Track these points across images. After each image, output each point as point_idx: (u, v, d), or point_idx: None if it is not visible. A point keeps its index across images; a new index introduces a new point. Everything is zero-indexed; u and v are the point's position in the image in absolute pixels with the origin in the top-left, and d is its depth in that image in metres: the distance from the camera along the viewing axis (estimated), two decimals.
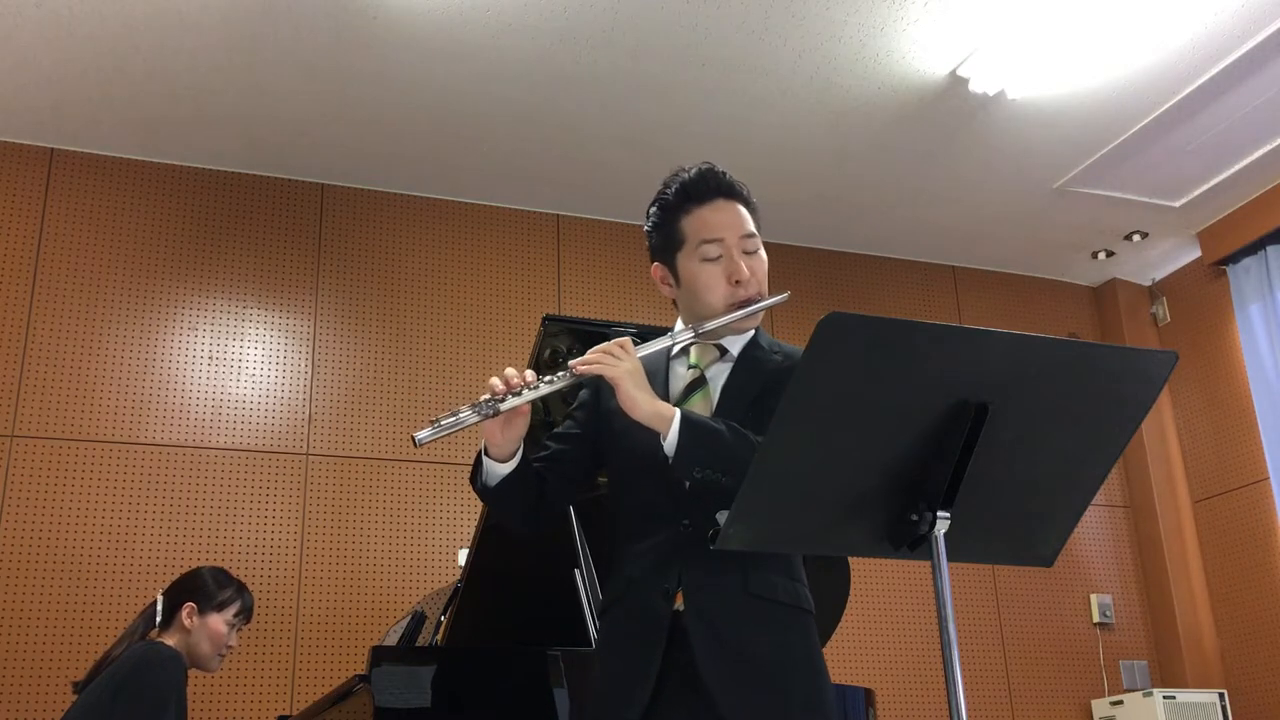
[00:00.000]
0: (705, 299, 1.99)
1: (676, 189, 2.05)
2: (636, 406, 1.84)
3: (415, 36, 4.25)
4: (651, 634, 1.86)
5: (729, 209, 2.03)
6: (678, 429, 1.80)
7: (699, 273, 1.99)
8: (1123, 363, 1.65)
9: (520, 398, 1.87)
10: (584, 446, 2.05)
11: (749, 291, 1.98)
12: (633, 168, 5.13)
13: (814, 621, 1.96)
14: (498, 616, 3.18)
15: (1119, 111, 4.77)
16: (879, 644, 5.25)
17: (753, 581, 1.88)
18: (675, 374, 2.03)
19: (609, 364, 1.88)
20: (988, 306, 6.15)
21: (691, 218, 2.02)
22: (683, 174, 2.07)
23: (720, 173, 2.06)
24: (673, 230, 2.04)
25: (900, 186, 5.34)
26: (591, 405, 2.07)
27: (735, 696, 1.81)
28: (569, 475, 2.04)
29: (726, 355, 2.03)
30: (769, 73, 4.50)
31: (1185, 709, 5.32)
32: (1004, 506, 1.67)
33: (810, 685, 1.89)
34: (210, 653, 3.17)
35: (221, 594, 3.21)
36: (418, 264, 5.24)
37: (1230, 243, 5.69)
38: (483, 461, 1.96)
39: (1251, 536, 5.64)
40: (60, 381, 4.58)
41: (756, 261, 2.00)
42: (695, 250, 2.00)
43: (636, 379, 1.87)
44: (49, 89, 4.49)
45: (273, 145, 4.93)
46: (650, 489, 1.93)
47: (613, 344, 1.92)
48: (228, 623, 3.20)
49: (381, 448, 4.92)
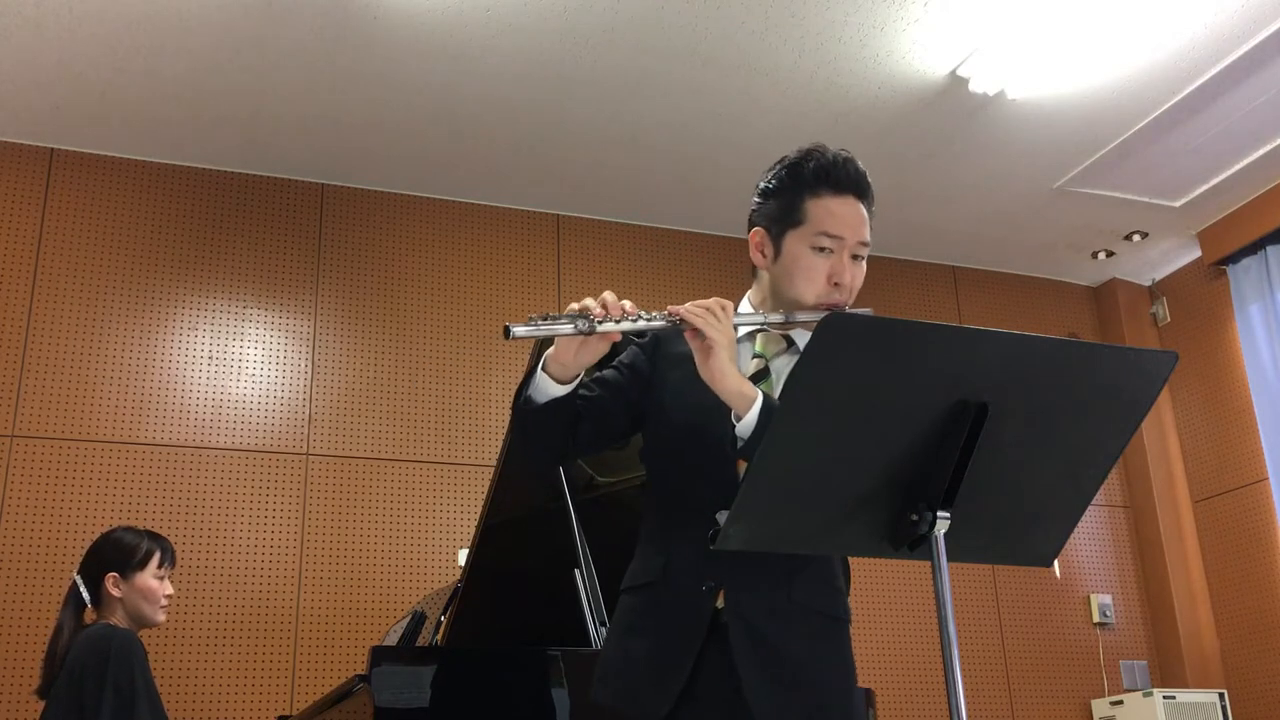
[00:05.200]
0: (799, 286, 1.92)
1: (815, 166, 1.97)
2: (725, 378, 1.77)
3: (415, 36, 4.25)
4: (690, 629, 1.82)
5: (858, 210, 1.97)
6: (758, 411, 1.74)
7: (804, 258, 1.93)
8: (1123, 363, 1.65)
9: (618, 325, 1.81)
10: (625, 406, 1.96)
11: (841, 297, 1.93)
12: (633, 168, 5.14)
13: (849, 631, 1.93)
14: (498, 617, 3.18)
15: (1119, 111, 4.77)
16: (879, 644, 5.25)
17: (797, 587, 1.85)
18: (741, 359, 1.93)
19: (713, 324, 1.80)
20: (988, 306, 6.15)
21: (820, 202, 1.94)
22: (825, 153, 1.98)
23: (861, 168, 1.99)
24: (795, 205, 1.95)
25: (900, 186, 5.33)
26: (645, 369, 1.98)
27: (772, 703, 1.78)
28: (603, 428, 1.96)
29: (793, 347, 1.96)
30: (769, 73, 4.50)
31: (1185, 709, 5.32)
32: (1004, 506, 1.67)
33: (847, 697, 1.87)
34: (151, 610, 3.11)
35: (138, 552, 3.12)
36: (418, 264, 5.24)
37: (1230, 243, 5.68)
38: (535, 376, 1.87)
39: (1251, 536, 5.63)
40: (60, 381, 4.58)
41: (859, 270, 1.96)
42: (811, 236, 1.93)
43: (733, 350, 1.80)
44: (49, 89, 4.49)
45: (273, 145, 4.93)
46: (699, 475, 1.88)
47: (715, 302, 1.83)
48: (155, 576, 3.13)
49: (381, 448, 4.92)
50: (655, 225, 5.57)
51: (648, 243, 5.56)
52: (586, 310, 1.80)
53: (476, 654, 2.73)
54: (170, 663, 4.32)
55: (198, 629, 4.44)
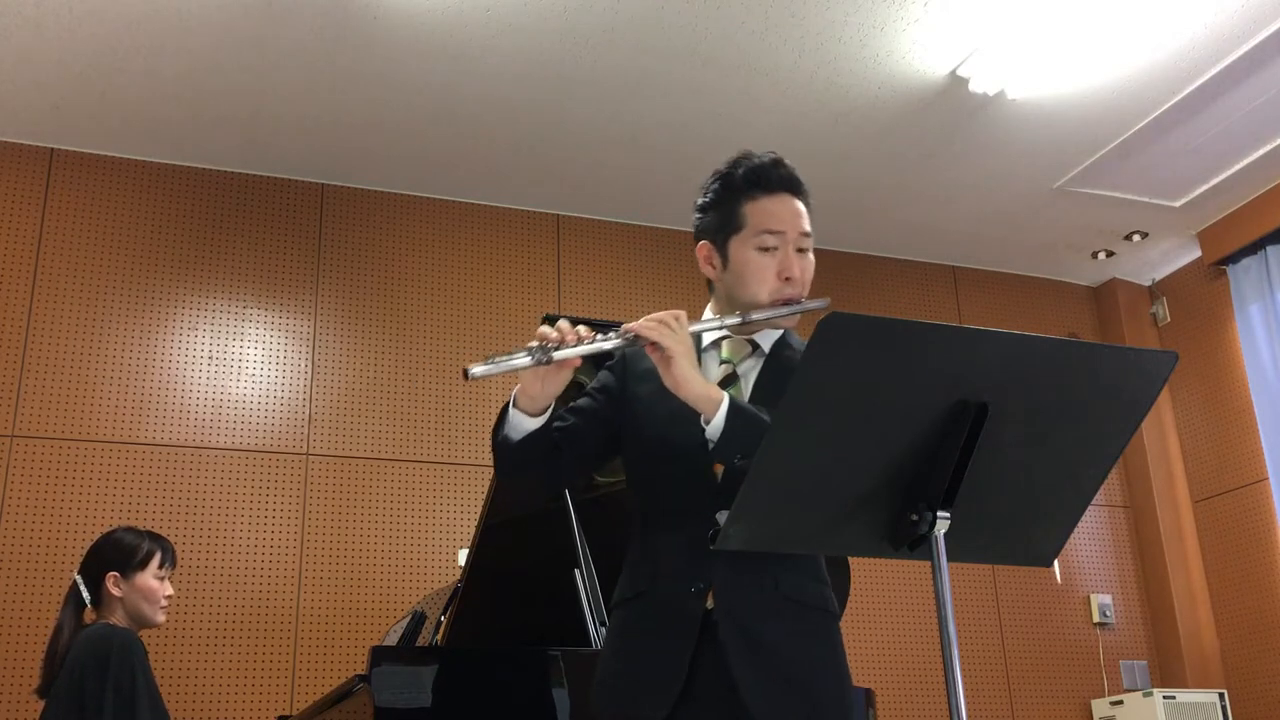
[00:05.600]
0: (752, 288, 1.98)
1: (745, 172, 2.02)
2: (689, 384, 1.80)
3: (415, 36, 4.25)
4: (683, 631, 1.84)
5: (794, 204, 2.02)
6: (725, 413, 1.78)
7: (751, 260, 1.98)
8: (1123, 363, 1.65)
9: (574, 350, 1.83)
10: (601, 428, 2.00)
11: (795, 290, 1.98)
12: (633, 168, 5.14)
13: (839, 626, 1.96)
14: (498, 617, 3.18)
15: (1119, 111, 4.77)
16: (879, 644, 5.25)
17: (784, 583, 1.87)
18: (707, 368, 2.00)
19: (668, 335, 1.83)
20: (988, 306, 6.15)
21: (756, 205, 2.00)
22: (753, 158, 2.04)
23: (791, 167, 2.05)
24: (733, 213, 2.01)
25: (900, 186, 5.34)
26: (615, 389, 2.02)
27: (766, 698, 1.80)
28: (582, 452, 1.99)
29: (758, 351, 2.02)
30: (769, 73, 4.50)
31: (1185, 709, 5.32)
32: (1004, 506, 1.67)
33: (839, 689, 1.90)
34: (151, 611, 3.12)
35: (139, 552, 3.13)
36: (418, 264, 5.24)
37: (1230, 243, 5.68)
38: (509, 413, 1.90)
39: (1251, 536, 5.64)
40: (60, 381, 4.58)
41: (806, 262, 2.01)
42: (753, 238, 1.98)
43: (692, 357, 1.84)
44: (49, 89, 4.49)
45: (273, 145, 4.94)
46: (678, 482, 1.91)
47: (669, 315, 1.86)
48: (155, 576, 3.13)
49: (381, 448, 4.92)
50: (655, 225, 5.57)
51: (648, 243, 5.56)
52: (543, 339, 1.82)
53: (476, 654, 2.73)
54: (170, 663, 4.32)
55: (198, 629, 4.44)
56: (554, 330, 1.84)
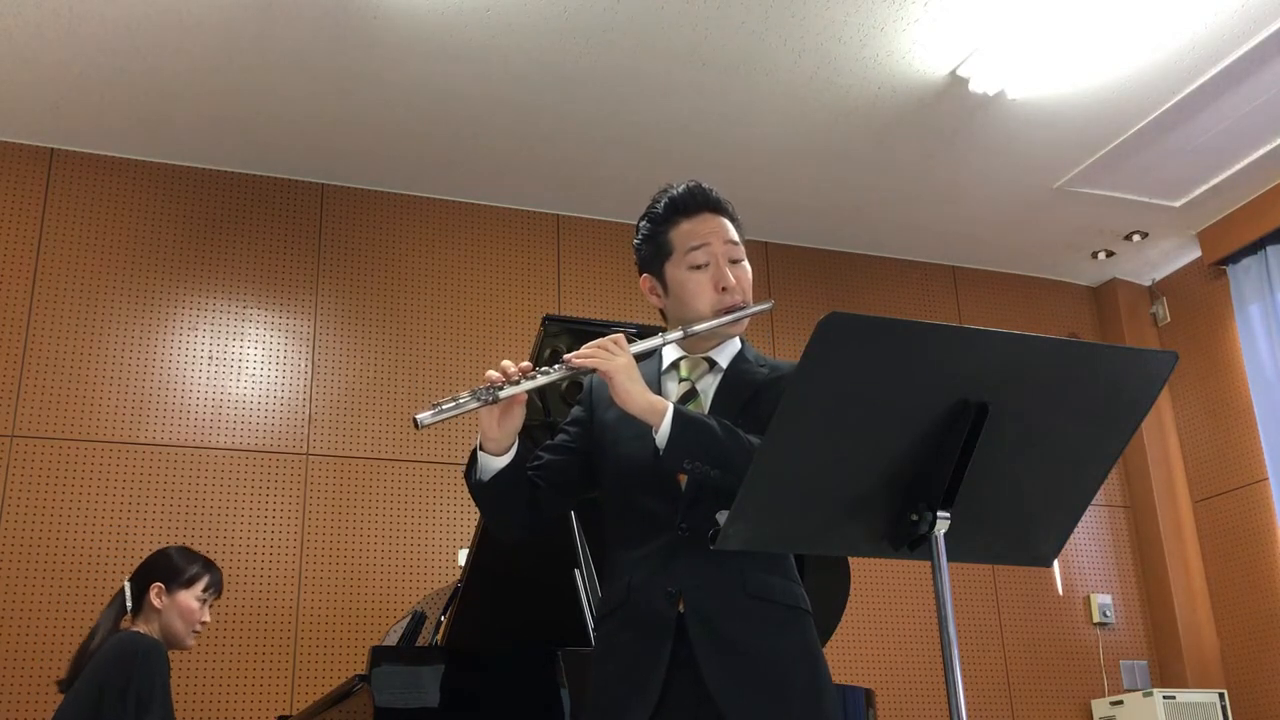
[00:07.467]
0: (693, 305, 2.05)
1: (665, 203, 2.13)
2: (631, 398, 1.88)
3: (415, 36, 4.25)
4: (657, 638, 1.89)
5: (715, 221, 2.10)
6: (670, 420, 1.85)
7: (687, 280, 2.06)
8: (1123, 363, 1.65)
9: (518, 387, 1.92)
10: (576, 460, 2.09)
11: (734, 298, 2.05)
12: (633, 168, 5.13)
13: (812, 621, 1.99)
14: (498, 616, 3.18)
15: (1119, 111, 4.77)
16: (879, 644, 5.25)
17: (750, 583, 1.91)
18: (667, 388, 2.08)
19: (603, 358, 1.92)
20: (988, 306, 6.15)
21: (679, 229, 2.09)
22: (671, 190, 2.15)
23: (707, 189, 2.14)
24: (661, 241, 2.11)
25: (900, 186, 5.34)
26: (585, 420, 2.11)
27: (738, 696, 1.84)
28: (561, 486, 2.08)
29: (715, 367, 2.09)
30: (769, 73, 4.50)
31: (1185, 709, 5.32)
32: (1004, 506, 1.67)
33: (811, 681, 1.92)
34: (184, 631, 3.15)
35: (188, 570, 3.17)
36: (418, 264, 5.24)
37: (1230, 243, 5.69)
38: (477, 457, 1.99)
39: (1251, 536, 5.64)
40: (60, 381, 4.58)
41: (741, 271, 2.08)
42: (683, 258, 2.07)
43: (630, 373, 1.91)
44: (49, 89, 4.49)
45: (273, 145, 4.93)
46: (646, 495, 1.97)
47: (607, 340, 1.96)
48: (198, 598, 3.17)
49: (381, 448, 4.92)
50: None
51: None
52: (489, 382, 1.91)
53: (477, 654, 2.73)
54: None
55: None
56: (497, 372, 1.93)
